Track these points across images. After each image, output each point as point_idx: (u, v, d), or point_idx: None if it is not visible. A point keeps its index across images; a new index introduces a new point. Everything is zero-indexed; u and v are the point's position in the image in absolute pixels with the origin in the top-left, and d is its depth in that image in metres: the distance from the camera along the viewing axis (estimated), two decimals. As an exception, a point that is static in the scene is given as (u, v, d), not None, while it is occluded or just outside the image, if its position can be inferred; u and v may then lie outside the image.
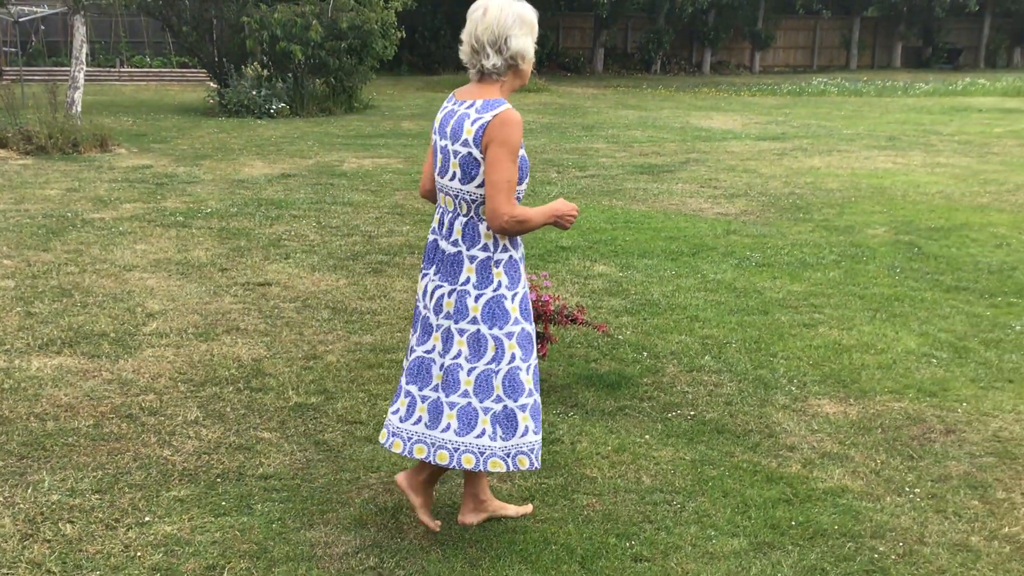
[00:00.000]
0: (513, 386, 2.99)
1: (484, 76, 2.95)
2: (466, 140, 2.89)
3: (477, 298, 2.96)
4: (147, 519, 3.33)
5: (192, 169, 11.06)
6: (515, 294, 3.02)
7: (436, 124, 3.05)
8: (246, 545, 3.18)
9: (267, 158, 12.05)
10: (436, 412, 3.02)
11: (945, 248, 7.54)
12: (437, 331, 3.03)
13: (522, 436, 3.01)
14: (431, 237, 3.11)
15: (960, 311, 5.90)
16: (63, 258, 6.83)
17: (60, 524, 3.28)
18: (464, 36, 2.93)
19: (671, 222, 8.47)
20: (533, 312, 4.47)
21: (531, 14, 2.95)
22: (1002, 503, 3.57)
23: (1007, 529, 3.38)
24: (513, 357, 2.99)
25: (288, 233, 7.78)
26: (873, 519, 3.43)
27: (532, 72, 3.08)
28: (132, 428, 4.06)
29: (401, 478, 3.25)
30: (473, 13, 2.92)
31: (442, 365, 3.02)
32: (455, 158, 2.93)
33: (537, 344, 4.43)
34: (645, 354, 5.09)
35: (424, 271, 3.13)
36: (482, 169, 2.89)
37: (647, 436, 4.10)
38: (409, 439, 3.08)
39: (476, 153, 2.88)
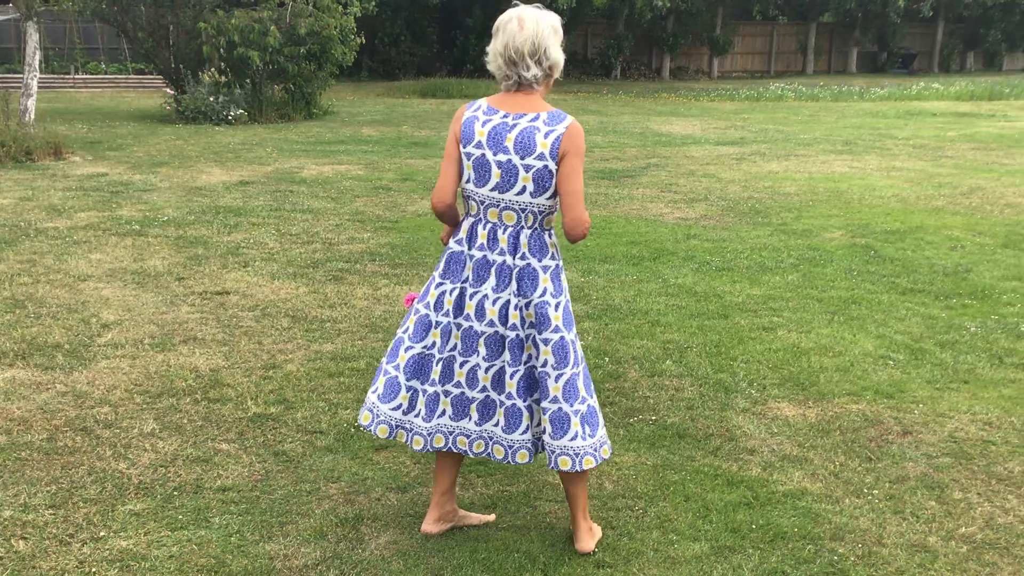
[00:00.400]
0: (588, 384, 3.13)
1: (521, 86, 2.96)
2: (541, 153, 2.90)
3: (556, 307, 3.02)
4: (102, 534, 3.27)
5: (148, 177, 10.92)
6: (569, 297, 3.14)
7: (481, 138, 2.94)
8: (204, 559, 3.13)
9: (225, 165, 11.93)
10: (464, 407, 3.12)
11: (901, 251, 7.65)
12: (528, 341, 3.03)
13: (602, 428, 3.16)
14: (477, 253, 3.02)
15: (916, 313, 5.98)
16: (16, 268, 6.71)
17: (13, 540, 3.21)
18: (497, 47, 2.93)
19: (632, 227, 8.51)
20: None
21: (559, 23, 3.00)
22: (959, 503, 3.61)
23: (964, 529, 3.42)
24: (582, 359, 3.12)
25: (247, 241, 7.70)
26: (832, 521, 3.46)
27: (493, 79, 3.10)
28: (87, 441, 3.98)
29: (432, 526, 3.29)
30: (508, 25, 2.91)
31: (512, 374, 3.03)
32: (527, 172, 2.92)
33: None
34: (607, 359, 5.09)
35: (468, 286, 3.04)
36: (555, 180, 2.93)
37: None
38: (511, 447, 3.11)
39: (552, 165, 2.91)
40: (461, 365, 3.08)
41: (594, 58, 36.29)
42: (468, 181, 3.00)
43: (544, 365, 3.01)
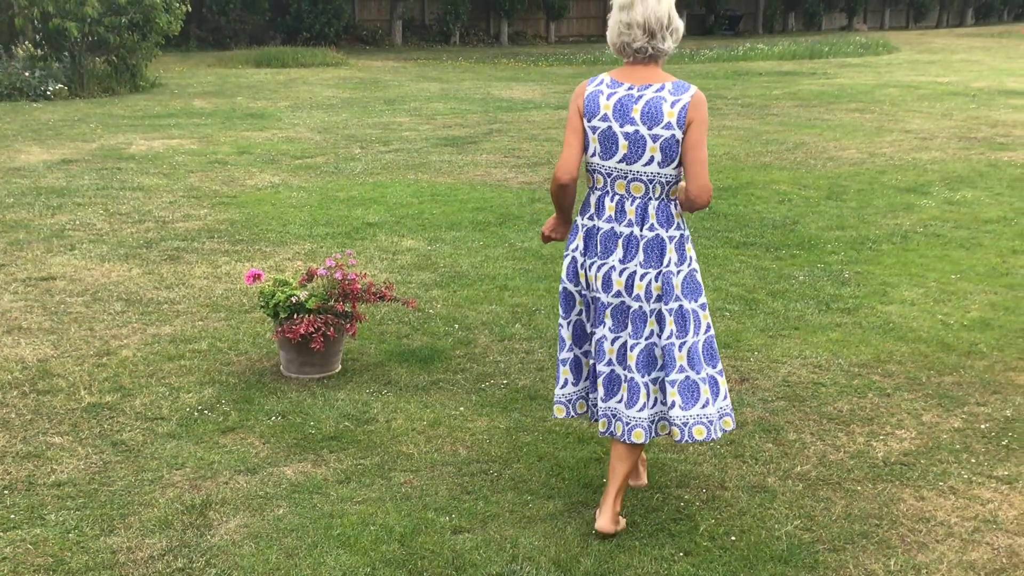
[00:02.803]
0: (712, 352, 3.16)
1: (649, 58, 3.01)
2: (669, 123, 2.95)
3: (679, 275, 3.07)
4: (-77, 543, 3.05)
5: (-41, 158, 10.15)
6: (697, 266, 3.18)
7: (607, 111, 3.00)
8: (40, 558, 2.97)
9: (45, 143, 11.23)
10: (664, 392, 3.10)
11: (733, 207, 7.95)
12: (652, 316, 3.07)
13: (724, 399, 3.18)
14: (605, 226, 3.09)
15: (749, 265, 6.25)
16: None
17: None
18: (636, 19, 2.95)
19: (477, 193, 8.52)
20: (340, 291, 4.40)
21: None
22: (793, 444, 3.81)
23: (799, 468, 3.61)
24: (709, 327, 3.16)
25: (72, 223, 7.29)
26: (678, 469, 3.58)
27: (330, 47, 3.04)
28: (-99, 445, 3.70)
29: (608, 524, 3.11)
30: None
31: (633, 347, 3.08)
32: (655, 142, 2.97)
33: (346, 324, 4.38)
34: (456, 326, 5.10)
35: (592, 261, 3.12)
36: (680, 149, 2.98)
37: (462, 408, 4.11)
38: (628, 424, 3.09)
39: (679, 134, 2.96)
40: (589, 335, 3.20)
41: (432, 24, 35.99)
42: (594, 154, 3.06)
43: (669, 336, 3.05)
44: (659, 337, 3.08)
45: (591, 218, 3.13)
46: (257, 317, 5.16)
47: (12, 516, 3.20)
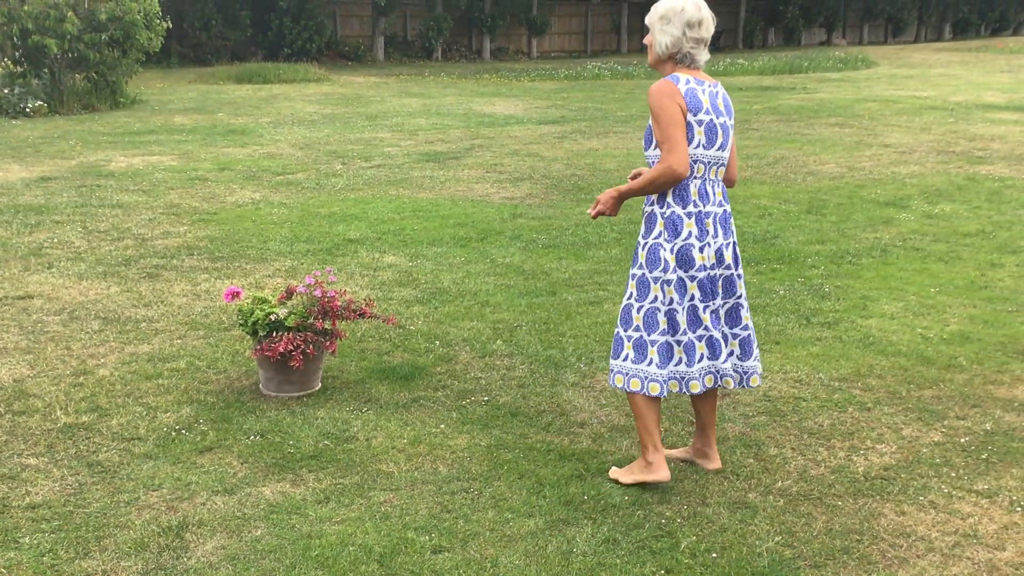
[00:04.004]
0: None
1: (697, 65, 3.45)
2: (733, 114, 3.50)
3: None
4: None
5: (-64, 176, 10.08)
6: None
7: (708, 105, 3.37)
8: (13, 584, 2.92)
9: (24, 161, 11.16)
10: (714, 346, 3.48)
11: (715, 221, 7.97)
12: (722, 280, 3.49)
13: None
14: (715, 209, 3.43)
15: (730, 280, 6.25)
16: None
17: None
18: (703, 35, 3.41)
19: (459, 209, 8.51)
20: (319, 309, 4.37)
21: None
22: (774, 459, 3.80)
23: (780, 483, 3.61)
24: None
25: (50, 240, 7.24)
26: (659, 485, 3.57)
27: (312, 63, 3.07)
28: None
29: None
30: (707, 14, 3.42)
31: (722, 306, 3.50)
32: (732, 131, 3.49)
33: (326, 341, 4.35)
34: (438, 343, 5.08)
35: (705, 242, 3.40)
36: None
37: (442, 425, 4.09)
38: (683, 378, 3.43)
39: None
40: (704, 310, 3.45)
41: (414, 40, 36.08)
42: (698, 146, 3.37)
43: (739, 297, 3.54)
44: (726, 300, 3.51)
45: (695, 204, 3.40)
46: (236, 335, 5.12)
47: (-15, 540, 3.16)
